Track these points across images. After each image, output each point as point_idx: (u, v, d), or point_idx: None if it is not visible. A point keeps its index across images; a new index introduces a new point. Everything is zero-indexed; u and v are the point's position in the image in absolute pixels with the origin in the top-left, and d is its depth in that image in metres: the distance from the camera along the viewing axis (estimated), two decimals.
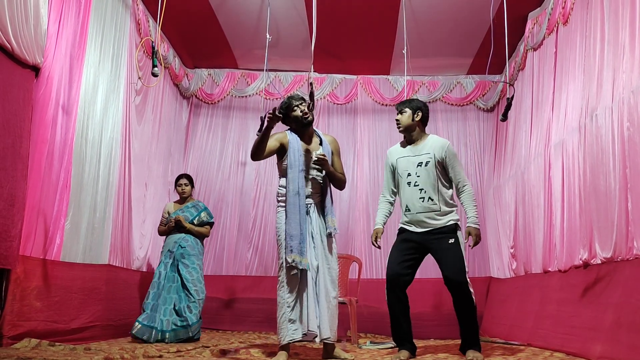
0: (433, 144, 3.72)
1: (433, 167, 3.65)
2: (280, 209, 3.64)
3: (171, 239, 5.07)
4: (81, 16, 4.25)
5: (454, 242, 3.59)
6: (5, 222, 3.42)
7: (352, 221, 6.68)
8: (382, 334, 6.05)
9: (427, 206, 3.63)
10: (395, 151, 3.87)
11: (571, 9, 4.48)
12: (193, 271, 4.97)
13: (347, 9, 5.57)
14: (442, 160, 3.67)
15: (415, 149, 3.76)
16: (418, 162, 3.70)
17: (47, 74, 3.85)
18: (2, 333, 3.43)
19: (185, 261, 4.97)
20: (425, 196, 3.64)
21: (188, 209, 5.21)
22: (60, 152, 4.02)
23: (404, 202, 3.75)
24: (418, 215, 3.66)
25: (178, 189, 5.30)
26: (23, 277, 3.61)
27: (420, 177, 3.66)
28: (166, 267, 4.93)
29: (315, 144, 3.78)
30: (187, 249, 5.00)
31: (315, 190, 3.70)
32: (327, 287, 3.58)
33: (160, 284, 4.86)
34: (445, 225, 3.62)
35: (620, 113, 3.42)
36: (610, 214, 3.46)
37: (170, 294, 4.84)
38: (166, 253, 5.01)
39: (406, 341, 3.65)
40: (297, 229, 3.50)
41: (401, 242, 3.75)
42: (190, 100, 7.13)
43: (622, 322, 3.18)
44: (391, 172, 3.86)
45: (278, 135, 3.70)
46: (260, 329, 6.18)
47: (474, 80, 6.93)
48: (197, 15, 5.78)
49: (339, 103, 7.01)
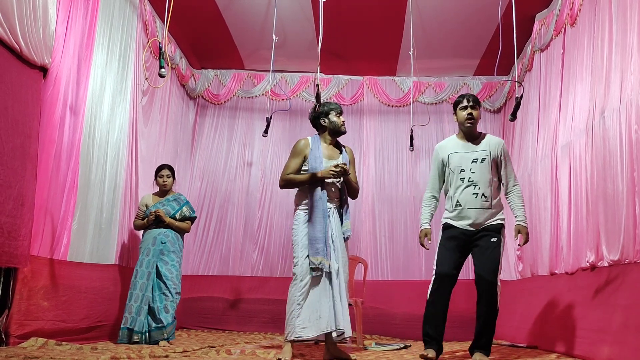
0: (489, 141, 3.70)
1: (488, 165, 3.62)
2: (300, 211, 3.72)
3: (150, 234, 4.71)
4: (89, 17, 4.28)
5: (496, 242, 3.55)
6: (15, 222, 3.44)
7: (358, 222, 6.68)
8: (388, 335, 6.05)
9: (480, 202, 3.58)
10: (447, 146, 3.78)
11: (579, 10, 4.46)
12: (172, 268, 4.68)
13: (354, 10, 5.57)
14: (497, 158, 3.64)
15: (470, 145, 3.70)
16: (473, 158, 3.64)
17: (55, 75, 3.87)
18: (10, 332, 3.45)
19: (165, 258, 4.66)
20: (479, 192, 3.59)
21: (169, 202, 4.86)
22: (67, 152, 4.04)
23: (454, 198, 3.65)
24: (469, 212, 3.59)
25: (159, 181, 4.87)
26: (30, 276, 3.64)
27: (475, 173, 3.61)
28: (141, 264, 4.59)
29: (336, 152, 3.86)
30: (168, 245, 4.69)
31: (335, 195, 3.77)
32: (342, 289, 3.65)
33: (138, 283, 4.55)
34: (492, 224, 3.58)
35: (628, 115, 3.40)
36: (618, 217, 3.44)
37: (145, 292, 4.52)
38: (145, 249, 4.65)
39: (436, 341, 3.58)
40: (322, 232, 3.59)
41: (448, 239, 3.67)
42: (197, 101, 7.16)
43: (629, 325, 3.16)
44: (440, 168, 3.77)
45: (301, 148, 3.78)
46: (266, 330, 6.19)
47: (480, 81, 6.92)
48: (204, 16, 5.80)
49: (345, 104, 7.01)
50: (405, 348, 4.79)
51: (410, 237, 6.59)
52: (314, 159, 3.71)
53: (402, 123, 6.88)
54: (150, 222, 4.71)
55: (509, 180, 3.69)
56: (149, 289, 4.55)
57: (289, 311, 3.56)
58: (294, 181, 3.74)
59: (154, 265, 4.61)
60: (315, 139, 3.83)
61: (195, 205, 6.78)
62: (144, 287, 4.53)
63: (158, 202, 4.83)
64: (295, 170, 3.75)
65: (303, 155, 3.76)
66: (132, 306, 4.47)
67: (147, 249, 4.64)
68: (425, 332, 3.60)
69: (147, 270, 4.58)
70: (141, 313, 4.47)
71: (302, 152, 3.77)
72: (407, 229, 6.63)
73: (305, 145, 3.78)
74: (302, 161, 3.77)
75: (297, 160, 3.76)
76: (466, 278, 6.38)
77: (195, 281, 6.53)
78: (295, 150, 3.80)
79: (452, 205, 3.66)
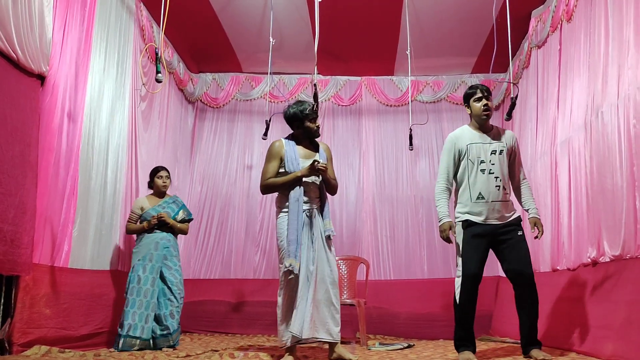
0: (506, 133, 3.67)
1: (505, 157, 3.59)
2: (282, 214, 3.70)
3: (150, 238, 4.56)
4: (85, 23, 4.28)
5: (522, 235, 3.55)
6: (17, 230, 3.45)
7: (359, 222, 6.67)
8: (391, 335, 6.05)
9: (502, 195, 3.53)
10: (463, 136, 3.64)
11: (575, 6, 4.46)
12: (176, 273, 4.61)
13: (350, 11, 5.57)
14: (512, 150, 3.62)
15: (486, 136, 3.63)
16: (492, 149, 3.58)
17: (53, 82, 3.87)
18: (13, 340, 3.45)
19: (168, 263, 4.57)
20: (501, 184, 3.54)
21: (168, 204, 4.75)
22: (66, 159, 4.04)
23: (475, 190, 3.53)
24: (493, 204, 3.50)
25: (158, 182, 4.75)
26: (32, 284, 3.64)
27: (495, 165, 3.55)
28: (145, 270, 4.45)
29: (312, 152, 3.83)
30: (171, 250, 4.61)
31: (315, 194, 3.75)
32: (329, 289, 3.61)
33: (142, 289, 4.41)
34: (514, 218, 3.57)
35: (626, 110, 3.40)
36: (618, 212, 3.44)
37: (149, 299, 4.40)
38: (145, 254, 4.50)
39: (470, 342, 3.54)
40: (295, 234, 3.56)
41: (474, 238, 3.53)
42: (196, 105, 7.16)
43: (632, 320, 3.16)
44: (455, 159, 3.63)
45: (277, 150, 3.75)
46: (269, 332, 6.18)
47: (478, 79, 6.91)
48: (201, 20, 5.80)
49: (344, 105, 7.01)
50: (408, 347, 4.79)
51: (411, 237, 6.59)
52: (290, 161, 3.69)
53: (400, 122, 6.88)
54: (151, 225, 4.57)
55: (519, 173, 3.67)
56: (154, 295, 4.44)
57: (278, 318, 3.59)
58: (275, 184, 3.72)
59: (159, 270, 4.52)
60: (289, 141, 3.80)
61: (196, 209, 6.79)
62: (148, 294, 4.41)
63: (157, 205, 4.70)
64: (274, 174, 3.72)
65: (279, 157, 3.73)
66: (135, 313, 4.33)
67: (149, 254, 4.51)
68: (458, 336, 3.55)
69: (152, 276, 4.46)
70: (148, 320, 4.35)
71: (277, 154, 3.74)
72: (408, 228, 6.63)
73: (280, 147, 3.75)
74: (279, 163, 3.74)
75: (274, 164, 3.73)
76: None
77: (198, 285, 6.53)
78: (270, 153, 3.76)
79: (472, 198, 3.53)
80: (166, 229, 4.64)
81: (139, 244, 4.59)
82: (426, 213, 6.64)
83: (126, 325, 4.28)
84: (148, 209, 4.65)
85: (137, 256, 4.53)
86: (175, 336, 4.54)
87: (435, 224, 6.59)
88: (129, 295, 4.39)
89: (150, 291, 4.42)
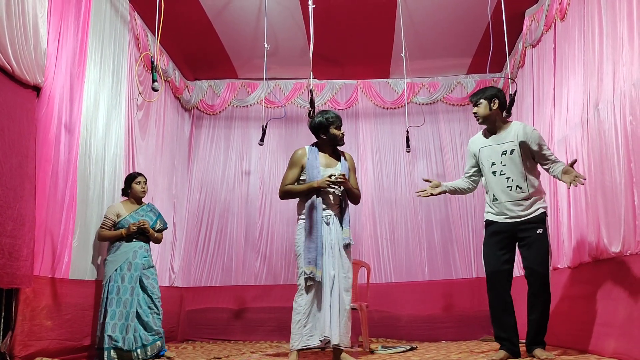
0: (516, 130, 3.65)
1: (518, 155, 3.59)
2: (301, 221, 3.78)
3: (128, 247, 4.36)
4: (80, 34, 4.28)
5: (541, 233, 3.53)
6: (16, 242, 3.43)
7: (359, 226, 6.67)
8: (394, 338, 6.04)
9: (515, 195, 3.57)
10: (478, 140, 3.81)
11: (568, 4, 4.47)
12: (154, 282, 4.46)
13: (344, 14, 5.58)
14: (527, 144, 3.59)
15: (499, 137, 3.69)
16: (502, 150, 3.63)
17: (49, 94, 3.86)
18: (14, 354, 3.43)
19: (146, 272, 4.40)
20: (513, 185, 3.57)
21: (146, 212, 4.59)
22: (64, 170, 4.04)
23: (490, 192, 3.69)
24: (506, 205, 3.59)
25: (137, 187, 4.55)
26: (32, 296, 3.62)
27: (507, 165, 3.60)
28: (123, 280, 4.25)
29: (334, 160, 3.89)
30: (149, 259, 4.48)
31: (335, 202, 3.80)
32: (342, 295, 3.67)
33: (121, 300, 4.21)
34: (534, 215, 3.56)
35: (622, 106, 3.40)
36: (617, 209, 3.44)
37: (128, 309, 4.21)
38: (123, 263, 4.30)
39: (507, 341, 3.55)
40: (314, 241, 3.64)
41: (491, 236, 3.66)
42: (192, 113, 7.16)
43: (634, 317, 3.16)
44: (473, 159, 3.83)
45: (298, 158, 3.84)
46: (272, 338, 6.17)
47: (474, 79, 6.93)
48: (195, 28, 5.81)
49: (340, 108, 7.01)
50: (411, 350, 4.78)
51: (411, 239, 6.59)
52: (311, 169, 3.76)
53: (397, 125, 6.88)
54: (130, 232, 4.35)
55: (550, 155, 3.60)
56: (134, 305, 4.24)
57: (294, 320, 3.62)
58: (293, 192, 3.80)
59: (137, 279, 4.33)
60: (312, 148, 3.88)
61: (195, 216, 6.79)
62: (128, 304, 4.22)
63: (134, 212, 4.51)
64: (293, 181, 3.81)
65: (300, 165, 3.81)
66: (115, 325, 4.13)
67: (127, 263, 4.31)
68: (496, 334, 3.63)
69: (131, 286, 4.27)
70: (129, 331, 4.15)
71: (299, 162, 3.82)
72: (407, 230, 6.62)
73: (302, 155, 3.83)
74: (299, 171, 3.82)
75: (294, 171, 3.82)
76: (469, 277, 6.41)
77: (198, 292, 6.52)
78: (292, 160, 3.86)
79: (491, 200, 3.69)
80: (143, 238, 4.47)
81: (115, 252, 4.36)
82: (425, 215, 6.64)
83: (106, 338, 4.07)
84: (125, 216, 4.45)
85: (113, 265, 4.30)
86: (163, 342, 4.42)
87: (435, 225, 6.59)
88: (108, 306, 4.16)
89: (129, 301, 4.24)
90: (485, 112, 3.70)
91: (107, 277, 4.28)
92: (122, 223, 4.41)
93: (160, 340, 4.38)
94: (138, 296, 4.31)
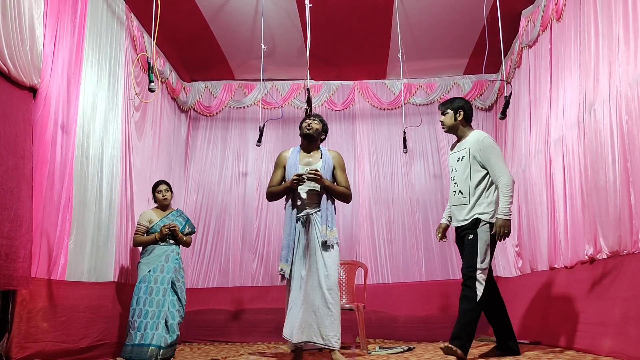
0: (470, 139, 3.77)
1: (467, 162, 3.71)
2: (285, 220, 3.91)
3: (161, 249, 4.61)
4: (76, 35, 4.27)
5: (471, 239, 3.62)
6: (12, 244, 3.42)
7: (356, 227, 6.67)
8: (391, 339, 6.04)
9: (457, 199, 3.73)
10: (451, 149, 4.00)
11: (564, 5, 4.49)
12: (183, 285, 4.67)
13: (341, 16, 5.58)
14: (476, 154, 3.69)
15: (459, 145, 3.86)
16: (458, 157, 3.80)
17: (45, 95, 3.86)
18: (11, 355, 3.42)
19: (177, 275, 4.61)
20: (457, 189, 3.74)
21: (175, 217, 4.82)
22: (61, 171, 4.03)
23: None
24: (452, 209, 3.80)
25: (158, 196, 4.81)
26: (29, 298, 3.61)
27: (457, 171, 3.77)
28: (156, 281, 4.49)
29: (316, 159, 3.93)
30: (180, 262, 4.68)
31: (312, 200, 3.82)
32: (324, 294, 3.66)
33: (154, 300, 4.44)
34: (469, 222, 3.65)
35: (618, 106, 3.42)
36: (614, 209, 3.45)
37: (161, 309, 4.43)
38: (156, 265, 4.54)
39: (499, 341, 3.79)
40: (287, 239, 3.77)
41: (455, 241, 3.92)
42: (189, 114, 7.15)
43: (630, 316, 3.17)
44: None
45: (281, 159, 3.99)
46: (269, 339, 6.16)
47: (470, 80, 6.94)
48: (192, 29, 5.80)
49: (337, 109, 7.02)
50: (409, 350, 4.79)
51: (408, 239, 6.59)
52: (289, 168, 3.88)
53: (394, 126, 6.89)
54: (163, 235, 4.60)
55: (493, 174, 3.65)
56: (165, 305, 4.46)
57: None
58: (275, 192, 3.92)
59: (170, 281, 4.54)
60: (296, 148, 3.99)
61: (192, 217, 6.76)
62: (160, 304, 4.45)
63: (164, 217, 4.75)
64: (277, 182, 3.94)
65: (282, 166, 3.94)
66: (147, 323, 4.36)
67: (160, 265, 4.55)
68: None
69: (163, 287, 4.50)
70: (159, 327, 4.37)
71: (280, 163, 3.96)
72: (405, 231, 6.63)
73: (283, 156, 3.98)
74: (282, 172, 3.94)
75: (278, 172, 3.96)
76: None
77: (196, 294, 6.51)
78: (275, 162, 4.03)
79: None
80: (174, 241, 4.71)
81: (149, 255, 4.61)
82: (422, 215, 6.64)
83: (136, 335, 4.31)
84: (157, 221, 4.71)
85: (146, 267, 4.55)
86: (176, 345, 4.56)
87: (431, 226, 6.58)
88: (142, 305, 4.41)
89: (162, 301, 4.46)
90: (450, 122, 3.85)
91: (140, 278, 4.52)
92: (155, 228, 4.67)
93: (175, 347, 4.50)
94: (164, 297, 4.49)
